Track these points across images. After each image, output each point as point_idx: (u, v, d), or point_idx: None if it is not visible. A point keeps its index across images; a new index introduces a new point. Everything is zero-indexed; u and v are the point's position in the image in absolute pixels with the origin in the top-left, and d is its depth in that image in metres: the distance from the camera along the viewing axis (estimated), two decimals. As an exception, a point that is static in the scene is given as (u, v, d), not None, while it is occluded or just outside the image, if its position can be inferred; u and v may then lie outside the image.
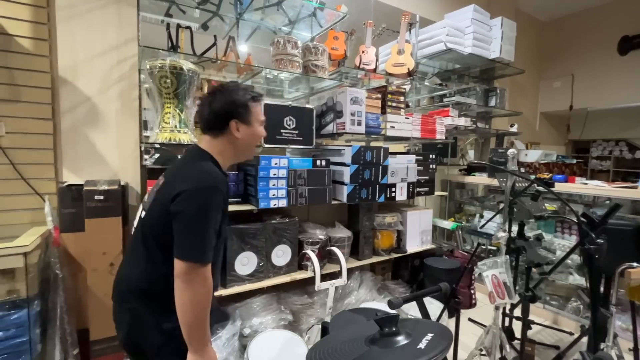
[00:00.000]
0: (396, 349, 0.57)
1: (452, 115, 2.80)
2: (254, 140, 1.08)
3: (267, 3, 2.06)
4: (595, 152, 4.71)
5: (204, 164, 0.97)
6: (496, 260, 1.65)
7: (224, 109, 1.00)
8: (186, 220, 0.87)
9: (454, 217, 3.33)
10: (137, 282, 0.95)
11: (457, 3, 3.21)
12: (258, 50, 2.22)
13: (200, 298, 0.87)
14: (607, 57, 3.69)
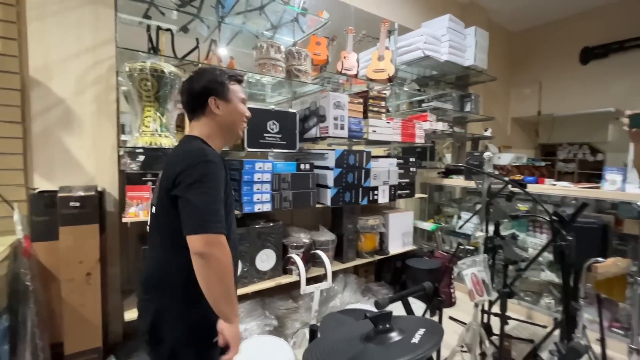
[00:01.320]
0: (391, 345, 0.59)
1: (430, 120, 2.90)
2: (237, 117, 1.06)
3: (249, 7, 2.06)
4: (562, 155, 5.00)
5: (194, 143, 0.97)
6: (475, 259, 1.71)
7: (201, 87, 1.01)
8: (190, 196, 0.86)
9: (434, 218, 3.43)
10: (154, 274, 0.96)
11: (434, 12, 3.34)
12: (240, 54, 2.21)
13: (222, 269, 0.86)
14: (570, 66, 3.95)
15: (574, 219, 1.30)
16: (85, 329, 1.50)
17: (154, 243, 1.00)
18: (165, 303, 0.93)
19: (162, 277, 0.94)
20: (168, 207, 0.91)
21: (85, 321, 1.50)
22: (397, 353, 0.55)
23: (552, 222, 1.29)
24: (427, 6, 3.40)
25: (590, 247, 1.62)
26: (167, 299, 0.93)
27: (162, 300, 0.93)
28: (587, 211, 2.44)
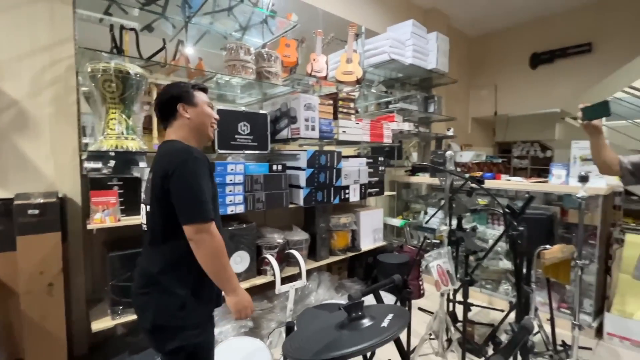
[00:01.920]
0: (363, 330, 0.64)
1: (397, 120, 3.02)
2: (205, 119, 1.15)
3: (217, 8, 2.04)
4: (516, 152, 5.39)
5: (178, 144, 1.08)
6: (440, 251, 1.83)
7: (169, 97, 1.12)
8: (180, 191, 0.98)
9: (402, 214, 3.57)
10: (155, 267, 1.04)
11: (398, 17, 3.48)
12: (208, 54, 2.19)
13: (214, 250, 1.00)
14: (522, 70, 4.28)
15: (523, 210, 1.44)
16: (48, 343, 1.43)
17: (152, 239, 1.07)
18: (164, 294, 1.02)
19: (159, 271, 1.02)
20: (163, 203, 1.00)
21: (47, 335, 1.42)
22: (368, 336, 0.61)
23: (505, 214, 1.42)
24: (392, 11, 3.54)
25: (539, 235, 1.79)
26: (167, 289, 1.02)
27: (160, 292, 1.02)
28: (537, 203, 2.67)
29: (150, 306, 1.03)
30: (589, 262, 2.27)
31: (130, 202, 1.64)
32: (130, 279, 1.55)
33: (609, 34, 3.66)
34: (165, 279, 1.02)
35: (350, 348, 0.56)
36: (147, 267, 1.06)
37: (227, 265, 1.04)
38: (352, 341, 0.59)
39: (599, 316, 2.30)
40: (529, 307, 1.92)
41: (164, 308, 1.03)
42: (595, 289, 2.29)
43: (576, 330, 1.54)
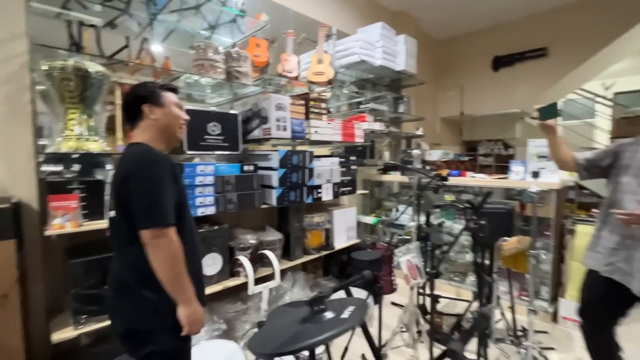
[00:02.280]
0: (325, 322, 0.67)
1: (368, 120, 3.09)
2: (174, 120, 1.13)
3: (184, 5, 2.00)
4: (482, 150, 5.67)
5: (139, 147, 1.05)
6: (409, 246, 1.90)
7: (134, 97, 1.09)
8: (138, 194, 0.96)
9: (375, 212, 3.66)
10: (124, 272, 1.03)
11: (368, 19, 3.55)
12: (176, 53, 2.13)
13: (169, 258, 0.97)
14: (485, 73, 4.51)
15: (482, 205, 1.53)
16: (5, 357, 1.34)
17: (119, 244, 1.05)
18: (137, 298, 1.01)
19: (131, 275, 1.01)
20: (125, 208, 0.99)
21: (3, 348, 1.34)
22: (329, 327, 0.63)
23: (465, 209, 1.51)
24: (363, 13, 3.60)
25: (500, 228, 1.90)
26: (139, 293, 1.00)
27: (133, 295, 1.01)
28: (498, 198, 2.83)
29: (123, 310, 1.03)
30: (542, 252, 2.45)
31: (94, 206, 1.57)
32: (94, 286, 1.50)
33: (562, 39, 3.93)
34: (136, 283, 1.00)
35: (311, 340, 0.59)
36: (117, 272, 1.05)
37: (183, 273, 1.01)
38: (314, 333, 0.62)
39: (555, 302, 2.48)
40: (492, 296, 2.04)
41: (137, 312, 1.02)
42: (550, 276, 2.46)
43: (531, 315, 1.65)
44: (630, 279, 1.34)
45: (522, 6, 3.95)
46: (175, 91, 1.17)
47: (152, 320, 1.02)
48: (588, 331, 1.58)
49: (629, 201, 1.33)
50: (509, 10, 4.03)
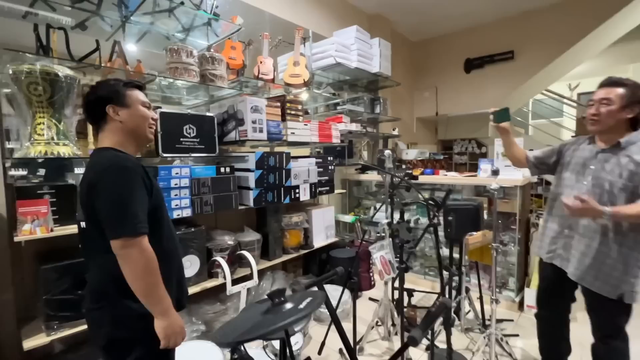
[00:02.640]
0: (284, 312, 0.72)
1: (345, 121, 3.16)
2: (140, 121, 1.07)
3: (157, 8, 1.99)
4: (456, 148, 5.88)
5: (105, 153, 1.00)
6: (382, 243, 1.98)
7: (96, 98, 1.03)
8: (105, 203, 0.92)
9: (354, 211, 3.74)
10: (101, 283, 0.99)
11: (344, 21, 3.62)
12: (149, 55, 2.12)
13: (141, 268, 0.92)
14: (458, 74, 4.68)
15: (444, 202, 1.62)
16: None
17: (95, 253, 1.01)
18: (119, 307, 0.98)
19: (110, 284, 0.97)
20: (94, 218, 0.95)
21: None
22: (286, 316, 0.69)
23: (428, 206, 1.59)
24: (339, 15, 3.67)
25: (468, 224, 2.01)
26: (120, 302, 0.97)
27: (115, 305, 0.98)
28: (469, 194, 2.96)
29: (105, 321, 0.98)
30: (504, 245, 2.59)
31: (65, 211, 1.56)
32: (66, 291, 1.49)
33: (528, 43, 4.14)
34: (116, 292, 0.96)
35: (269, 327, 0.63)
36: (95, 283, 1.01)
37: (158, 284, 0.96)
38: (272, 322, 0.67)
39: (521, 292, 2.63)
40: (461, 288, 2.15)
41: (121, 320, 0.98)
42: (517, 268, 2.61)
43: (494, 304, 1.77)
44: (567, 263, 1.50)
45: (489, 11, 4.13)
46: (141, 88, 1.11)
47: (135, 328, 0.98)
48: (541, 320, 1.72)
49: (568, 194, 1.46)
50: (478, 14, 4.21)
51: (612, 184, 1.38)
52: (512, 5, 4.00)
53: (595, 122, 1.43)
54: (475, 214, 2.10)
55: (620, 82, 1.38)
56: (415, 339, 0.95)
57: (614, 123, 1.39)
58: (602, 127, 1.42)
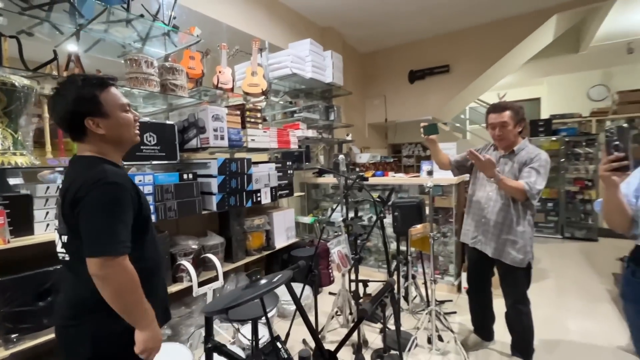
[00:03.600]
0: (260, 286, 0.87)
1: (302, 128, 3.34)
2: (125, 129, 1.01)
3: (113, 18, 2.00)
4: (405, 152, 6.38)
5: (93, 164, 0.95)
6: (339, 239, 2.18)
7: (69, 111, 0.92)
8: (88, 219, 0.87)
9: (312, 212, 3.93)
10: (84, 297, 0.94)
11: (299, 33, 3.83)
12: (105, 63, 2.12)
13: (123, 288, 0.88)
14: (403, 84, 5.13)
15: (388, 199, 1.88)
16: None
17: (76, 266, 0.94)
18: (102, 323, 0.94)
19: (94, 298, 0.90)
20: (77, 231, 0.90)
21: None
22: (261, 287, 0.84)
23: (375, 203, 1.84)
24: (293, 28, 3.87)
25: (412, 218, 2.30)
26: (103, 317, 0.93)
27: (98, 321, 0.94)
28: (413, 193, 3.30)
29: (86, 337, 0.93)
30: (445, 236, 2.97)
31: (20, 222, 1.54)
32: (25, 303, 1.47)
33: (461, 58, 4.70)
34: (100, 307, 0.90)
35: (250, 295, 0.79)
36: (76, 296, 0.95)
37: (141, 300, 0.92)
38: (252, 292, 0.82)
39: (459, 277, 3.01)
40: (408, 275, 2.43)
41: (105, 337, 0.93)
42: (455, 256, 2.99)
43: (433, 284, 2.07)
44: (486, 247, 1.85)
45: (427, 29, 4.63)
46: (115, 83, 1.02)
47: (120, 344, 0.95)
48: (471, 295, 2.07)
49: (481, 191, 1.85)
50: (418, 31, 4.68)
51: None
52: (446, 25, 4.53)
53: (502, 141, 1.82)
54: (417, 210, 2.39)
55: (505, 107, 1.78)
56: (366, 310, 1.16)
57: (513, 138, 1.78)
58: (507, 143, 1.80)
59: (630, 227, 1.13)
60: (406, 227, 2.23)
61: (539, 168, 1.70)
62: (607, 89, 6.49)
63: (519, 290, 1.82)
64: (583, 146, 5.04)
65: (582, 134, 5.11)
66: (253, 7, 3.34)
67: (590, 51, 5.06)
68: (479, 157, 1.67)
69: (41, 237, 1.57)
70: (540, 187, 1.67)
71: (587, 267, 3.65)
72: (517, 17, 4.25)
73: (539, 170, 1.69)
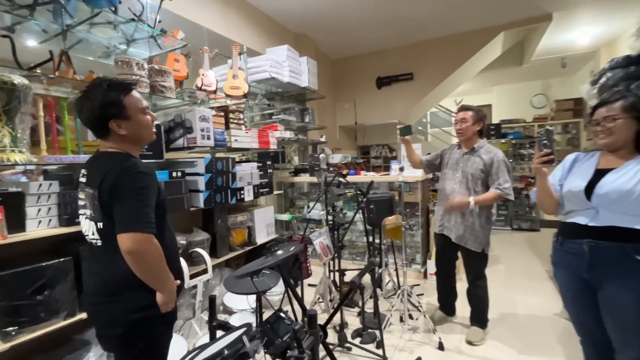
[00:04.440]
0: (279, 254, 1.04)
1: (279, 129, 3.51)
2: (145, 130, 1.14)
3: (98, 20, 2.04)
4: (373, 153, 6.75)
5: (123, 157, 1.07)
6: (320, 231, 2.39)
7: (95, 114, 1.04)
8: (123, 202, 1.00)
9: (289, 210, 4.10)
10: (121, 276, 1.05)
11: (274, 39, 4.00)
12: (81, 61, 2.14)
13: (153, 261, 1.02)
14: (371, 89, 5.48)
15: (368, 191, 2.13)
16: None
17: (111, 251, 1.05)
18: (135, 295, 1.07)
19: (127, 277, 1.04)
20: (112, 218, 1.02)
21: None
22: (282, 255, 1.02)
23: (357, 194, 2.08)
24: (269, 33, 4.03)
25: (384, 211, 2.56)
26: (135, 292, 1.07)
27: (131, 295, 1.07)
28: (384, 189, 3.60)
29: (122, 310, 1.06)
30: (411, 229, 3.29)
31: (14, 219, 1.56)
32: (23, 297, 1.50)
33: (423, 67, 5.12)
34: (136, 281, 1.04)
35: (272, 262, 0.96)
36: (112, 275, 1.07)
37: (166, 269, 1.09)
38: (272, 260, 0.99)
39: (425, 264, 3.34)
40: (382, 262, 2.69)
41: (139, 307, 1.06)
42: (421, 246, 3.32)
43: (405, 267, 2.34)
44: (451, 232, 2.15)
45: (392, 39, 5.00)
46: (136, 87, 1.15)
47: (151, 311, 1.09)
48: (439, 275, 2.37)
49: (448, 184, 2.14)
50: (384, 41, 5.04)
51: (472, 175, 2.07)
52: (410, 37, 4.93)
53: (461, 135, 2.12)
54: (389, 203, 2.67)
55: (469, 108, 2.10)
56: (355, 282, 1.37)
57: (472, 133, 2.09)
58: (465, 136, 2.11)
59: (557, 209, 1.45)
60: (380, 219, 2.48)
61: (499, 170, 2.01)
62: (546, 97, 7.36)
63: (478, 269, 2.14)
64: (527, 148, 5.70)
65: (526, 137, 5.78)
66: (231, 12, 3.45)
67: (532, 64, 5.74)
68: (452, 205, 2.02)
69: (32, 234, 1.59)
70: (508, 183, 2.00)
71: (530, 253, 4.19)
72: (471, 32, 4.74)
73: (500, 172, 2.00)
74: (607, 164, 1.32)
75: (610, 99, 1.29)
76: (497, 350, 2.11)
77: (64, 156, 1.68)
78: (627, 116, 1.24)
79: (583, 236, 1.30)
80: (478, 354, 2.07)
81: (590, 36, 4.99)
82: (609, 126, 1.26)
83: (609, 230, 1.23)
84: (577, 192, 1.32)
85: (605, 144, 1.29)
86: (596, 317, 1.33)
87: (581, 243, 1.31)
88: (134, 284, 1.05)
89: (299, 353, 0.94)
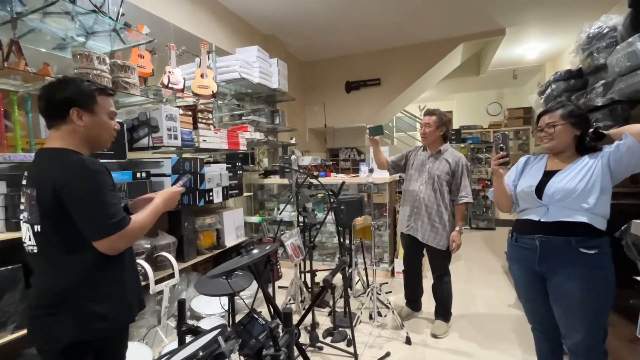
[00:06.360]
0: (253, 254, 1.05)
1: (249, 130, 3.47)
2: (104, 132, 1.07)
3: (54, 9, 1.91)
4: (342, 155, 6.86)
5: (69, 155, 0.97)
6: (292, 232, 2.39)
7: (63, 98, 0.97)
8: (85, 208, 0.93)
9: (259, 212, 4.05)
10: (58, 287, 0.97)
11: (244, 40, 3.95)
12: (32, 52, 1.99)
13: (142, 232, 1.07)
14: (340, 93, 5.58)
15: (339, 191, 2.18)
16: None
17: (51, 256, 0.98)
18: (82, 310, 0.97)
19: (74, 286, 0.97)
20: (56, 218, 0.94)
21: None
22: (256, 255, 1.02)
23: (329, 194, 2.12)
24: (239, 33, 3.97)
25: (354, 212, 2.62)
26: (84, 304, 0.97)
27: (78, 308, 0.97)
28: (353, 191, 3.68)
29: (66, 323, 0.95)
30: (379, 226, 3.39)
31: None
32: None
33: (390, 73, 5.32)
34: (83, 294, 0.97)
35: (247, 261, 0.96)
36: (52, 286, 0.97)
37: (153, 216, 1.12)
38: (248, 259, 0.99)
39: (392, 263, 3.46)
40: (351, 261, 2.75)
41: (84, 323, 0.96)
42: (388, 246, 3.43)
43: (374, 266, 2.42)
44: (417, 232, 2.26)
45: (360, 45, 5.14)
46: (112, 95, 1.10)
47: (98, 329, 0.99)
48: (406, 273, 2.47)
49: (414, 185, 2.26)
50: (353, 46, 5.17)
51: (439, 177, 2.19)
52: (376, 43, 5.10)
53: (425, 138, 2.25)
54: (359, 204, 2.74)
55: (432, 112, 2.23)
56: (329, 281, 1.40)
57: (434, 138, 2.22)
58: (428, 141, 2.24)
59: (512, 207, 1.58)
60: (350, 220, 2.54)
61: (463, 175, 2.18)
62: (500, 106, 7.93)
63: (443, 265, 2.27)
64: (484, 152, 6.11)
65: (483, 142, 6.19)
66: (200, 9, 3.36)
67: (488, 75, 6.17)
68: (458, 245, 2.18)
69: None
70: (469, 188, 2.19)
71: (487, 250, 4.49)
72: (434, 42, 5.00)
73: (463, 177, 2.18)
74: (553, 165, 1.46)
75: (552, 108, 1.45)
76: (459, 341, 2.24)
77: (14, 154, 1.55)
78: (565, 122, 1.39)
79: (535, 232, 1.43)
80: (442, 346, 2.19)
81: (538, 51, 5.48)
82: (550, 132, 1.41)
83: (557, 225, 1.37)
84: (529, 192, 1.45)
85: (548, 147, 1.44)
86: (546, 305, 1.46)
87: (533, 238, 1.44)
88: (77, 294, 0.97)
89: (275, 351, 0.94)
